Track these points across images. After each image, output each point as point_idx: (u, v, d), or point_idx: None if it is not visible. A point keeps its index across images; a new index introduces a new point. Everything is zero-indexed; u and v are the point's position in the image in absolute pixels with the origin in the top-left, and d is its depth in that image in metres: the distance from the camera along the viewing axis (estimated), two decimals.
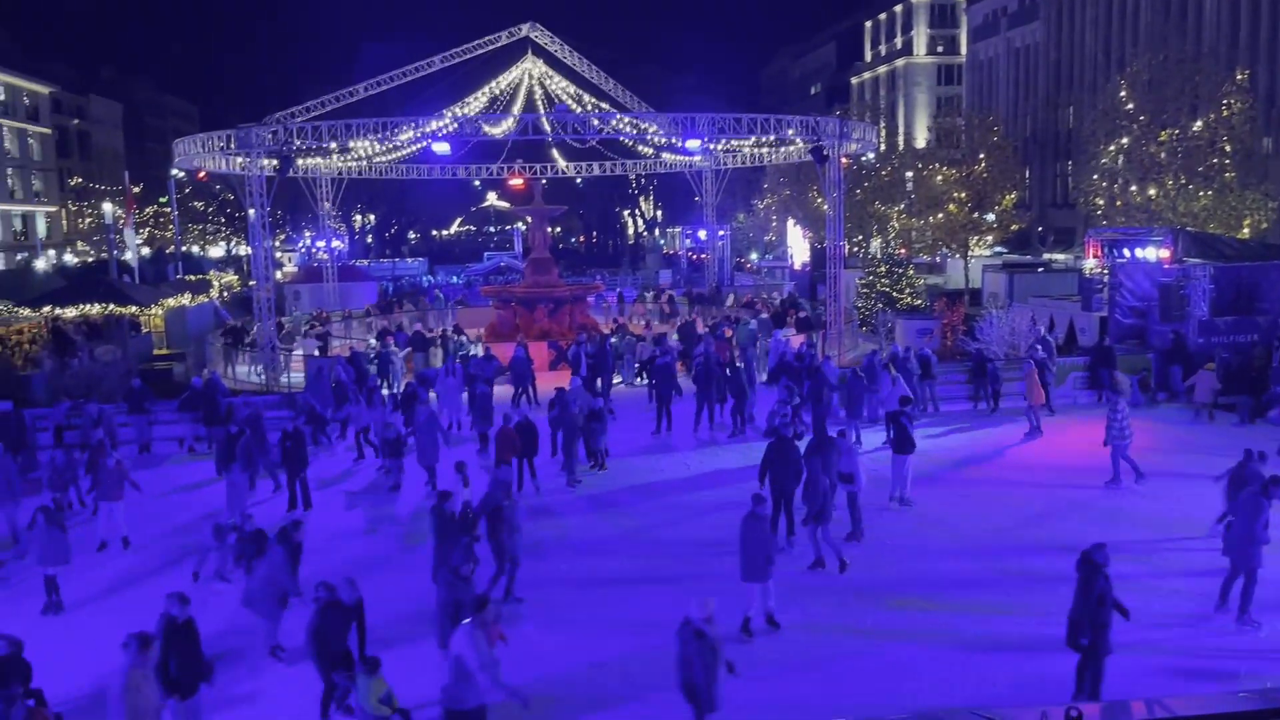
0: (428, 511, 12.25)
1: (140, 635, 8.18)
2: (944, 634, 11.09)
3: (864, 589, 12.56)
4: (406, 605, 12.07)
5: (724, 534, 14.74)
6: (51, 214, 78.18)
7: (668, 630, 8.85)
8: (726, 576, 13.08)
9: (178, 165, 38.48)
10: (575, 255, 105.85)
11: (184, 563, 14.05)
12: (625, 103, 41.53)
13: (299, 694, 9.91)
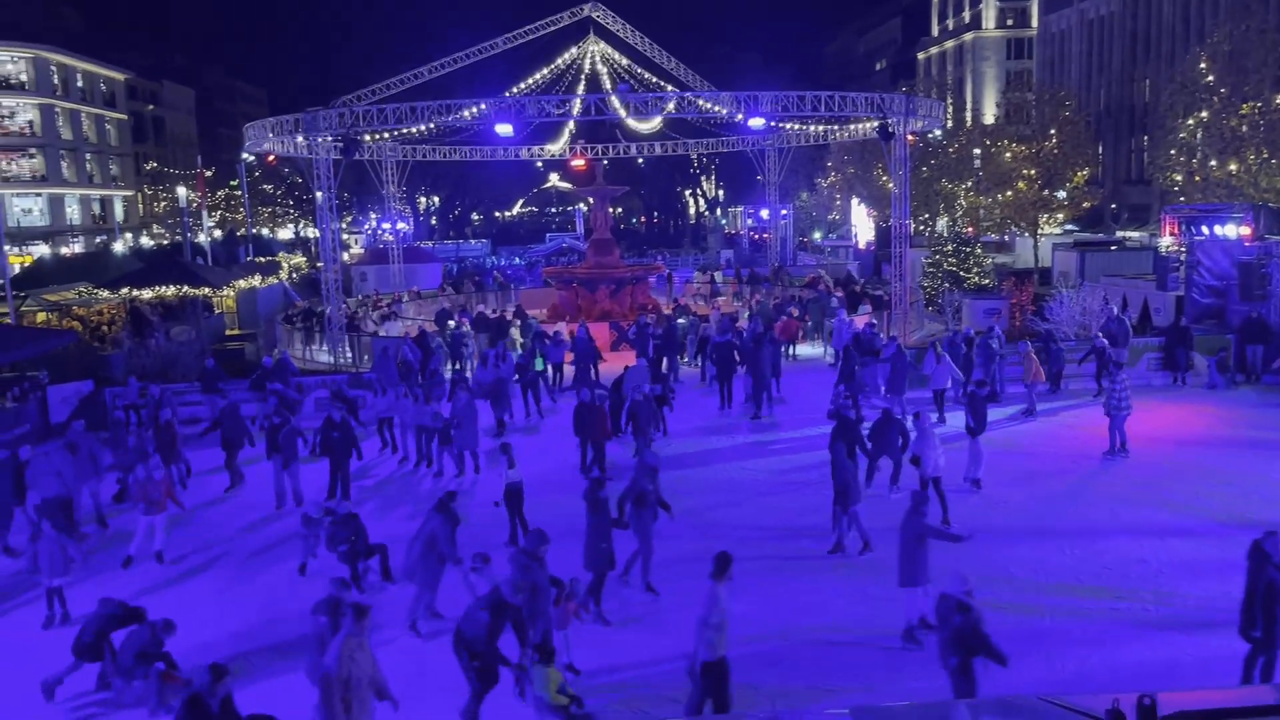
0: (582, 495, 11.80)
1: (356, 605, 8.27)
2: (1013, 616, 10.90)
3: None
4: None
5: (782, 517, 14.73)
6: (128, 198, 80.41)
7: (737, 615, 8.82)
8: (786, 559, 13.08)
9: (248, 149, 39.22)
10: (636, 236, 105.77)
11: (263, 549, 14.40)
12: (688, 82, 41.30)
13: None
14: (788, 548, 13.49)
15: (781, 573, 12.62)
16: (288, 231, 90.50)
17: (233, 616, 11.97)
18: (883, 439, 15.21)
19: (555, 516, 13.15)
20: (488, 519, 14.59)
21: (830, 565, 12.83)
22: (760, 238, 63.88)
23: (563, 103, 31.01)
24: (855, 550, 13.09)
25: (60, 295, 36.27)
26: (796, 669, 10.02)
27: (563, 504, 14.37)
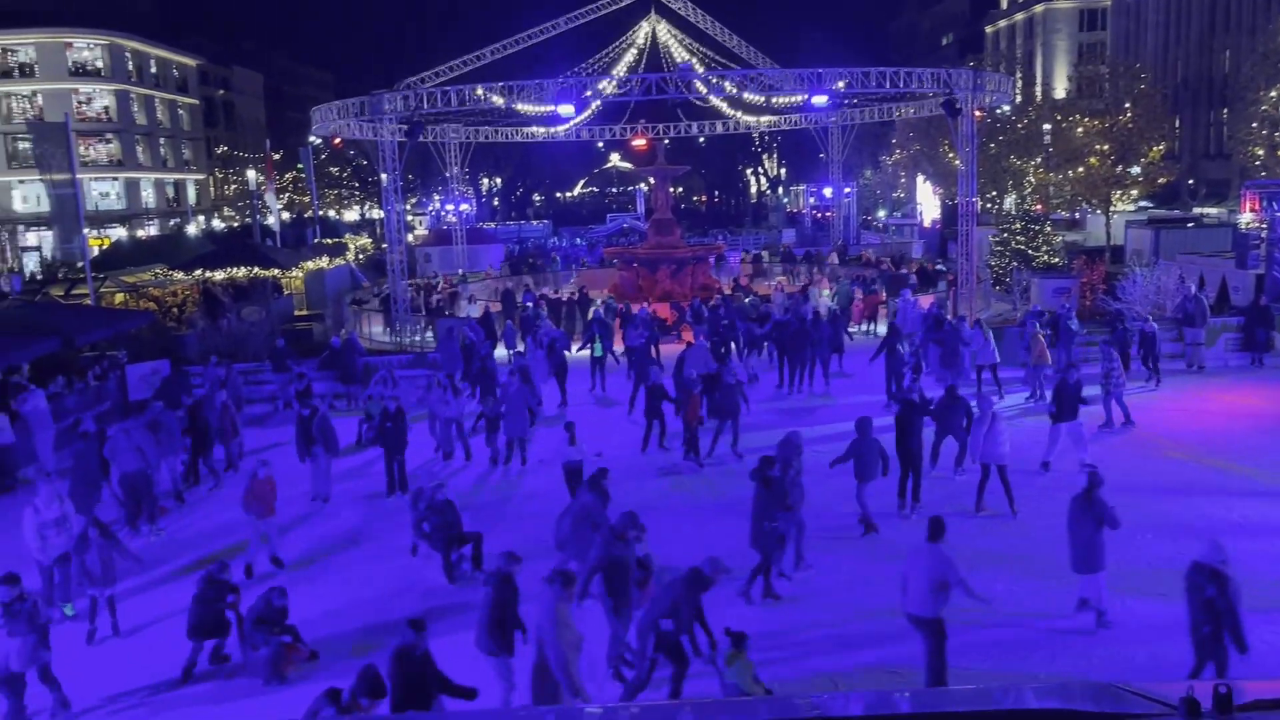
0: (748, 477, 11.65)
1: (564, 571, 8.35)
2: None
3: (1016, 557, 12.23)
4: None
5: (849, 502, 14.54)
6: (200, 181, 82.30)
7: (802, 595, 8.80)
8: (838, 539, 13.00)
9: (315, 132, 39.88)
10: (697, 215, 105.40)
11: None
12: (750, 59, 40.92)
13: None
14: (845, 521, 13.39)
15: (872, 555, 12.58)
16: (353, 213, 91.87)
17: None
18: (948, 418, 15.02)
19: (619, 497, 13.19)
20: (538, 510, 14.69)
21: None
22: (823, 216, 63.22)
23: (624, 82, 30.96)
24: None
25: (136, 277, 37.27)
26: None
27: (627, 487, 14.42)
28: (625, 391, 20.78)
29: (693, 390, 16.51)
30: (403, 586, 12.20)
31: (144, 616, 11.56)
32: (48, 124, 34.17)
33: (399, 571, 12.70)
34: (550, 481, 15.34)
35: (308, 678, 9.75)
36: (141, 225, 69.56)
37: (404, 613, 11.09)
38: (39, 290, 33.86)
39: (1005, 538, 12.87)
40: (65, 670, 9.68)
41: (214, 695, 9.81)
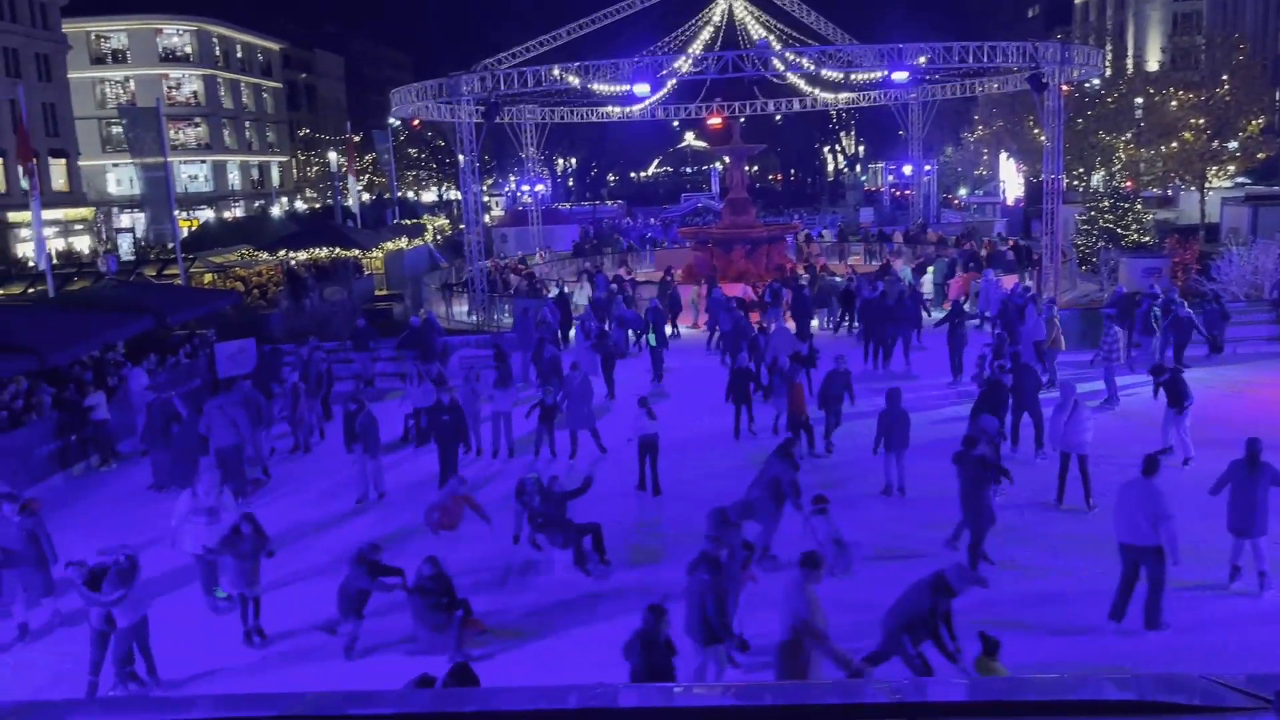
0: (952, 460, 11.52)
1: (811, 554, 8.21)
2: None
3: (1086, 537, 11.94)
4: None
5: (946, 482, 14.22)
6: (283, 163, 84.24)
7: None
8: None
9: (394, 114, 40.46)
10: (772, 194, 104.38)
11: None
12: (829, 35, 40.29)
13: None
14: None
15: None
16: (431, 195, 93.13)
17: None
18: (1022, 392, 14.77)
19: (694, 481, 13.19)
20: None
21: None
22: (902, 195, 62.11)
23: (700, 60, 30.75)
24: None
25: (223, 257, 38.39)
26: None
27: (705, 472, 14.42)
28: (683, 385, 20.58)
29: (794, 377, 15.86)
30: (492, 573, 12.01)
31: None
32: (140, 109, 35.27)
33: (485, 559, 12.45)
34: (611, 470, 15.09)
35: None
36: (228, 207, 71.52)
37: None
38: (133, 271, 35.09)
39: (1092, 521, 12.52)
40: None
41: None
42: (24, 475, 15.63)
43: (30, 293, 30.43)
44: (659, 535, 13.11)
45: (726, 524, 9.63)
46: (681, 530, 12.53)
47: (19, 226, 52.83)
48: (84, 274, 35.92)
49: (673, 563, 11.16)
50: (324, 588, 10.96)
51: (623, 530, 12.95)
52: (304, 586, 11.86)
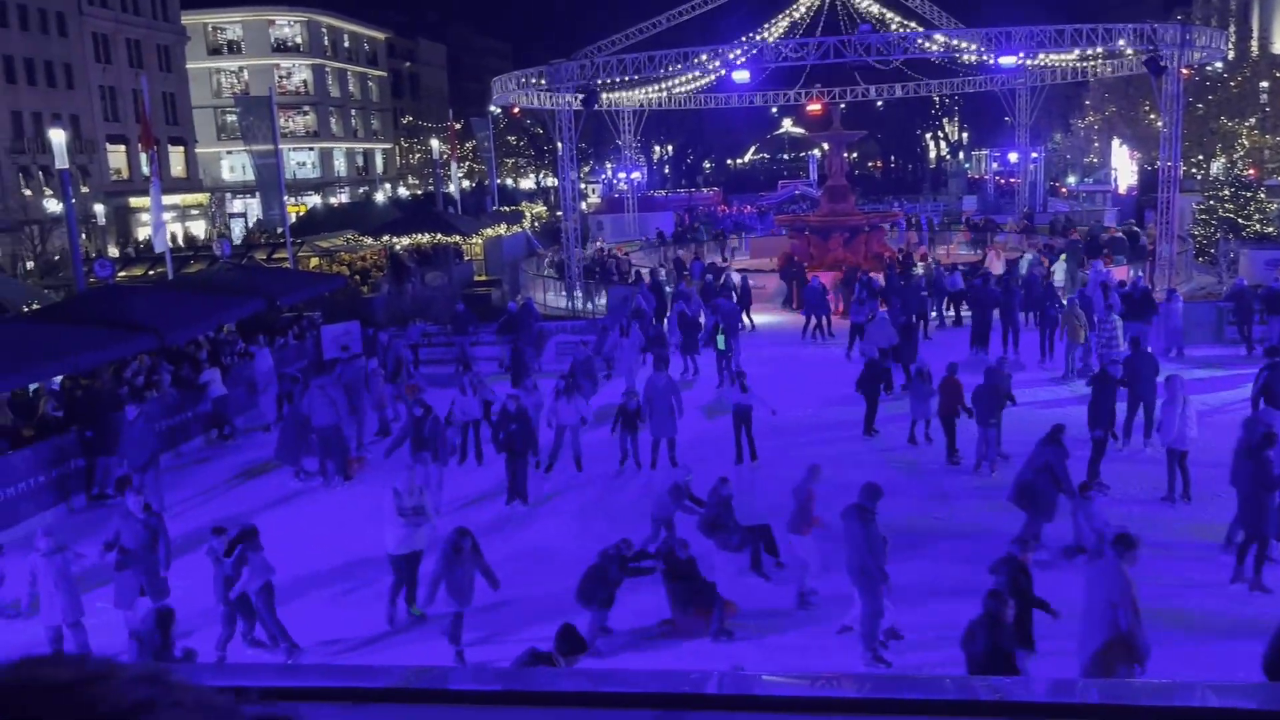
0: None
1: (1125, 535, 8.08)
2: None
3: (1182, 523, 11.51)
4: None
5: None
6: (387, 151, 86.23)
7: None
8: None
9: (494, 102, 41.01)
10: (872, 181, 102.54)
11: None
12: (933, 19, 39.36)
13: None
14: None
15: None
16: (529, 181, 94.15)
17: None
18: (1138, 381, 14.33)
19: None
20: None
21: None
22: (1007, 183, 60.38)
23: (801, 46, 30.37)
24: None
25: (329, 242, 39.45)
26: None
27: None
28: (800, 374, 20.34)
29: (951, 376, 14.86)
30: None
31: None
32: (253, 98, 36.51)
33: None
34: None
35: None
36: (334, 193, 73.54)
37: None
38: (244, 254, 36.35)
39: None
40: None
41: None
42: (144, 450, 16.40)
43: (151, 275, 31.82)
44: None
45: (878, 495, 9.52)
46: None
47: (140, 211, 55.29)
48: (199, 257, 37.38)
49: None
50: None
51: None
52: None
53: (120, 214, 55.56)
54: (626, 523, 12.09)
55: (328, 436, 15.45)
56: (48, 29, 51.54)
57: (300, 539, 12.68)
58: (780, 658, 9.39)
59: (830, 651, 9.54)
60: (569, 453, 15.41)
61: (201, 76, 68.01)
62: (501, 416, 14.18)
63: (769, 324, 26.46)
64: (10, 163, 47.74)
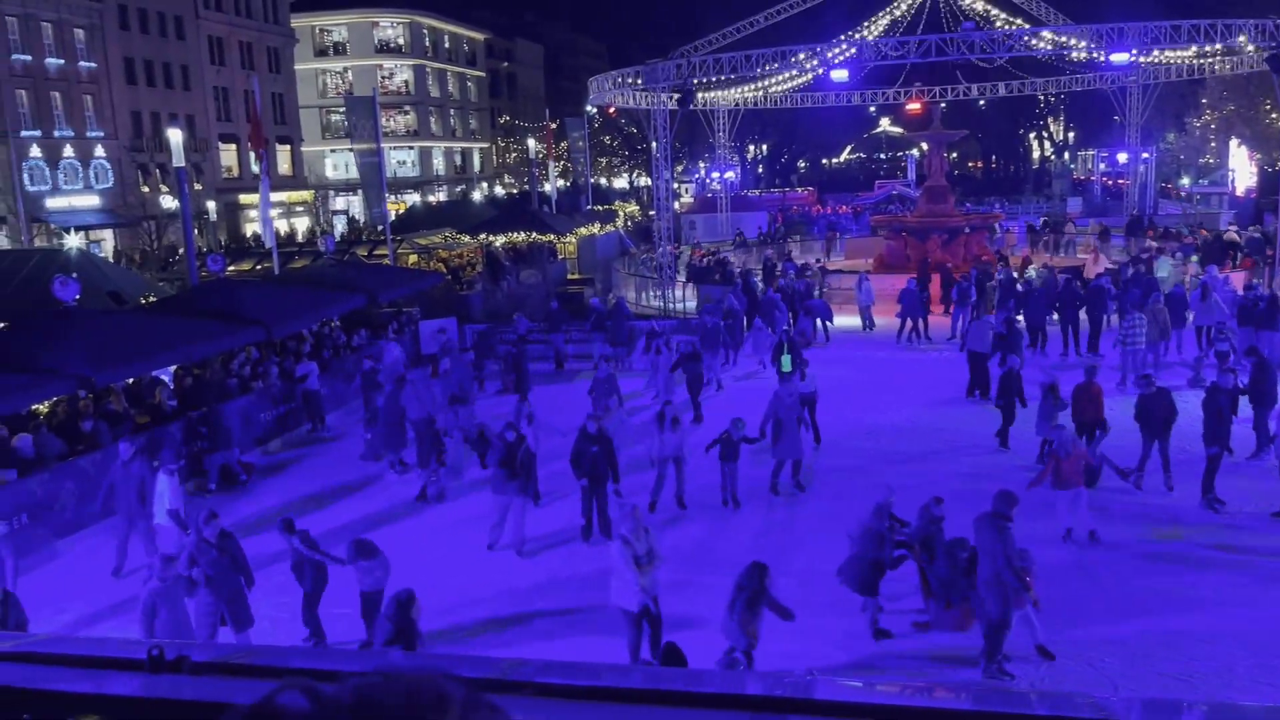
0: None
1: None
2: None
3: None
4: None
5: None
6: (484, 150, 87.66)
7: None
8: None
9: (591, 102, 41.33)
10: (971, 182, 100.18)
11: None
12: (1041, 16, 38.27)
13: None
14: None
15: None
16: (622, 181, 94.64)
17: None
18: (1262, 391, 13.83)
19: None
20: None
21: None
22: (1115, 184, 58.36)
23: (901, 44, 29.85)
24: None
25: (428, 239, 40.27)
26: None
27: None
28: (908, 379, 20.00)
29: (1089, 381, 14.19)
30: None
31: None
32: (358, 98, 37.48)
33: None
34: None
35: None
36: (432, 191, 75.06)
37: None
38: (346, 251, 37.33)
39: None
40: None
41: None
42: (248, 439, 17.00)
43: (258, 269, 32.93)
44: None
45: (1014, 503, 9.20)
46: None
47: (249, 208, 57.33)
48: (304, 253, 38.53)
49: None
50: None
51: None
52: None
53: (230, 210, 57.70)
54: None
55: (421, 430, 15.76)
56: (166, 32, 53.80)
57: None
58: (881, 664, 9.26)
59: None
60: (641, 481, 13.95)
61: (308, 77, 70.14)
62: (581, 439, 12.75)
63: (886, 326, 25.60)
64: (130, 160, 49.97)
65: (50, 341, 14.55)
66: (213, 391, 16.64)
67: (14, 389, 13.23)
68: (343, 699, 0.82)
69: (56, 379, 13.82)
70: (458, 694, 0.83)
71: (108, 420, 14.98)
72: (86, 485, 13.75)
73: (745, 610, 8.47)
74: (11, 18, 44.20)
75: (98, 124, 49.00)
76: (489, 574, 11.79)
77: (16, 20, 44.48)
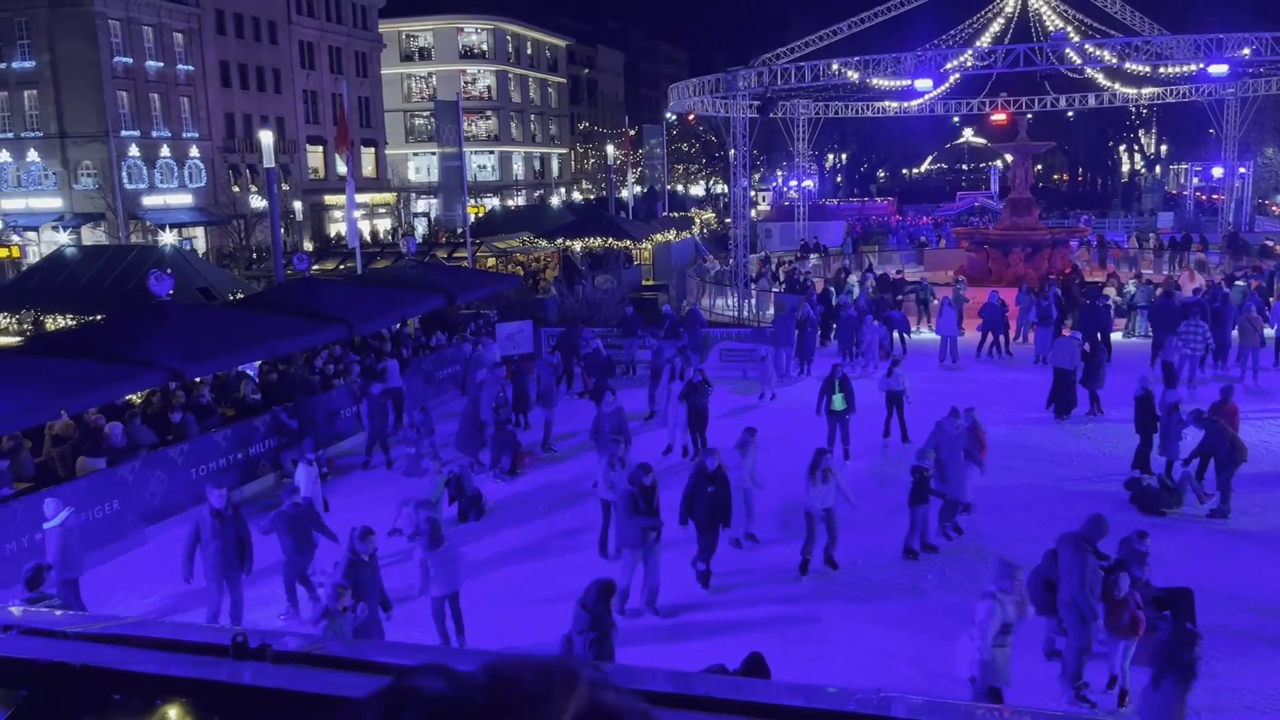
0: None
1: None
2: None
3: None
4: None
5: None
6: (563, 155, 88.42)
7: None
8: None
9: (671, 109, 41.41)
10: (1057, 195, 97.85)
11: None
12: (1134, 26, 37.25)
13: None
14: None
15: None
16: (699, 188, 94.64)
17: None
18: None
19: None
20: None
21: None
22: (1208, 199, 56.46)
23: (988, 54, 29.32)
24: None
25: (506, 243, 40.74)
26: None
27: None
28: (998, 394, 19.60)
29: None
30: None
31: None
32: (444, 103, 38.10)
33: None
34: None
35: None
36: (511, 195, 75.95)
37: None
38: (427, 252, 37.97)
39: None
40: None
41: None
42: (329, 435, 17.37)
43: (341, 269, 33.68)
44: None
45: (1104, 530, 9.04)
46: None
47: (333, 209, 58.70)
48: (386, 253, 39.29)
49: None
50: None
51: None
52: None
53: (315, 210, 59.15)
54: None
55: (496, 431, 15.98)
56: (260, 37, 55.44)
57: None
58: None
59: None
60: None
61: (393, 81, 71.57)
62: (697, 476, 11.41)
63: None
64: (222, 161, 51.58)
65: (144, 334, 15.09)
66: (297, 387, 17.06)
67: (111, 379, 13.74)
68: (477, 678, 0.85)
69: (150, 370, 14.32)
70: (586, 673, 0.86)
71: (196, 412, 15.46)
72: (174, 474, 14.21)
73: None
74: (115, 21, 45.99)
75: (193, 125, 50.70)
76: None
77: (119, 24, 46.26)
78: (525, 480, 15.88)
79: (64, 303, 21.91)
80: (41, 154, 46.38)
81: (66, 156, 46.12)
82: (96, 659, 2.07)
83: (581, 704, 0.83)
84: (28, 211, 46.54)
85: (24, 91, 46.22)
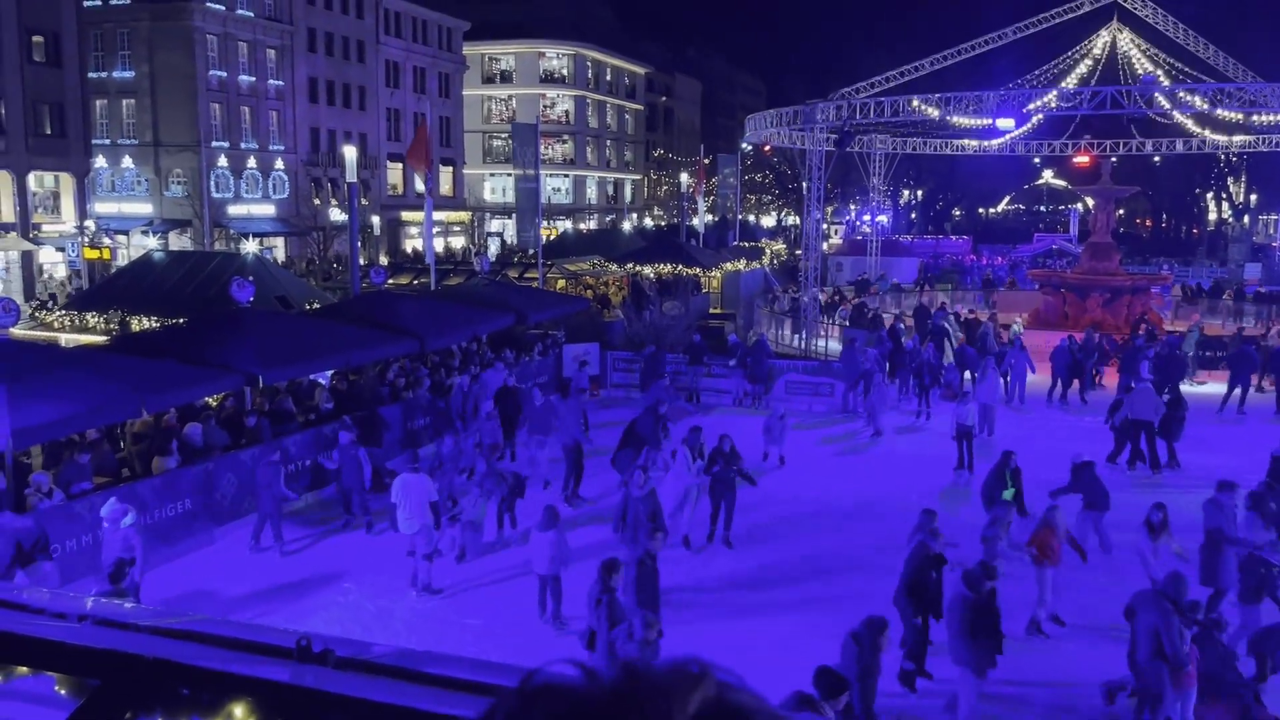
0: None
1: None
2: None
3: None
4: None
5: None
6: (636, 181, 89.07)
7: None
8: None
9: (747, 139, 41.51)
10: (1138, 240, 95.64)
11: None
12: (1227, 72, 36.36)
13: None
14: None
15: None
16: (770, 219, 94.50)
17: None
18: None
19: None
20: None
21: None
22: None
23: (1073, 95, 28.87)
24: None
25: (577, 265, 41.03)
26: None
27: None
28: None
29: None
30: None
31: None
32: (523, 125, 38.69)
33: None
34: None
35: None
36: (583, 219, 76.65)
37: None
38: (499, 271, 38.44)
39: None
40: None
41: None
42: (396, 446, 17.59)
43: (415, 284, 34.24)
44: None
45: (1183, 589, 8.83)
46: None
47: (410, 225, 59.84)
48: (459, 270, 39.86)
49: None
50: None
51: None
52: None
53: (392, 225, 60.37)
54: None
55: (569, 455, 15.98)
56: (349, 55, 56.98)
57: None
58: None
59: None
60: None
61: (473, 103, 72.89)
62: (921, 561, 9.93)
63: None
64: (305, 174, 52.98)
65: (223, 338, 15.48)
66: (367, 397, 17.34)
67: (190, 380, 14.11)
68: (612, 673, 0.89)
69: (228, 374, 14.68)
70: (716, 673, 0.90)
71: (270, 418, 15.79)
72: (245, 477, 14.51)
73: None
74: (212, 36, 47.68)
75: (279, 138, 52.20)
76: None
77: (216, 39, 47.95)
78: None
79: (149, 305, 22.58)
80: (136, 161, 48.16)
81: (159, 164, 47.82)
82: (167, 653, 2.11)
83: (709, 698, 0.86)
84: (120, 216, 48.27)
85: (122, 100, 48.10)
